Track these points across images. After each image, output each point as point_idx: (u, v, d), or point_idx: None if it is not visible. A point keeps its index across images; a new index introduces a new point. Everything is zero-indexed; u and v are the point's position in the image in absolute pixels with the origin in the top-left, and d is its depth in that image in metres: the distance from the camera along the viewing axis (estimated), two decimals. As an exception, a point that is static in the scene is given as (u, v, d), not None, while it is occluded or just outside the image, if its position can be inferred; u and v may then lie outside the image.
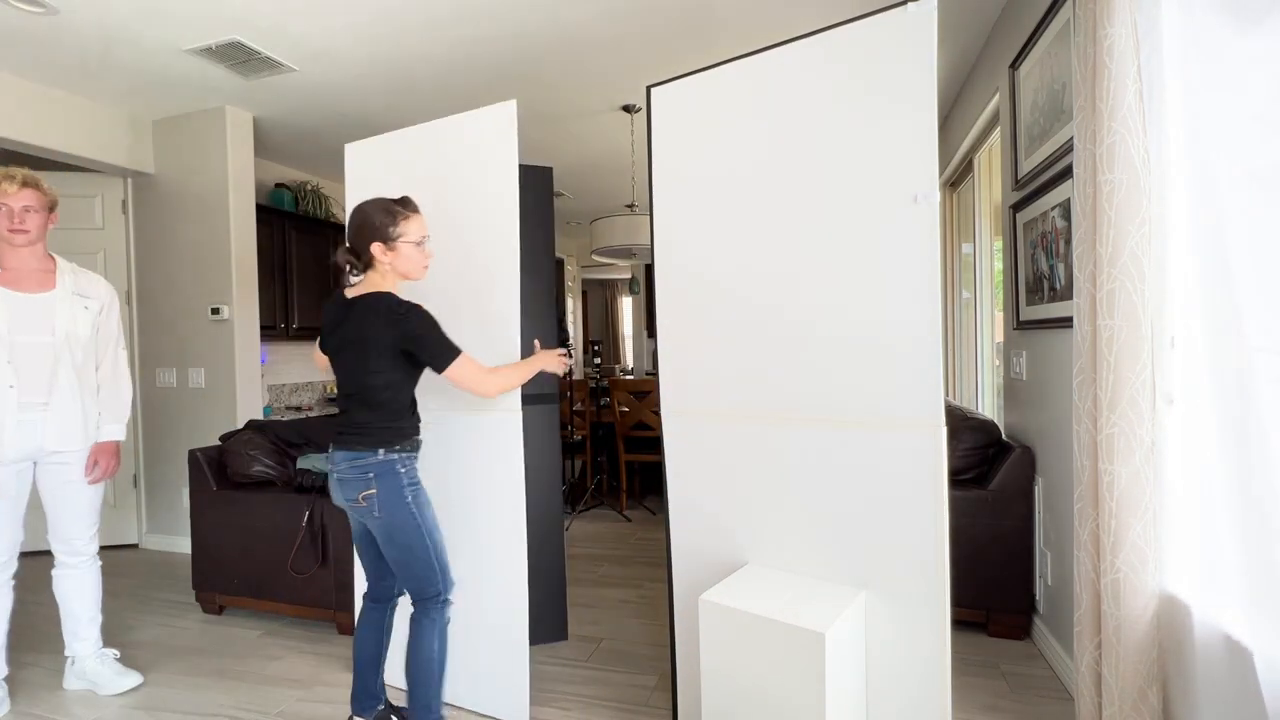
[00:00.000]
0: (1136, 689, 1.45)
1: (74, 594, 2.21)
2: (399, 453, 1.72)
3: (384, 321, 1.64)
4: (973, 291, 3.73)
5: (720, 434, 1.85)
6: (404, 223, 1.71)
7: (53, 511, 2.14)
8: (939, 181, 2.12)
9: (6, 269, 1.99)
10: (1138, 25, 1.41)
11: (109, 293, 2.22)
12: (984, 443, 2.52)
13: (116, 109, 3.55)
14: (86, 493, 2.17)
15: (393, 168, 2.21)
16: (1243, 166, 1.25)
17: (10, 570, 2.08)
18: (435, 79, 3.22)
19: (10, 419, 1.98)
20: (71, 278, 2.12)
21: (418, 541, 1.71)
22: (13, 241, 1.98)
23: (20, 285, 2.00)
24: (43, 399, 2.03)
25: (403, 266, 1.74)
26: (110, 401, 2.21)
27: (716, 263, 1.84)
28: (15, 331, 1.97)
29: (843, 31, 1.59)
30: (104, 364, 2.19)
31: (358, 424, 1.71)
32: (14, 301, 1.98)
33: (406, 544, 1.71)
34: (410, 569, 1.73)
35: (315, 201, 4.63)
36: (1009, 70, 2.52)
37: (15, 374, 1.97)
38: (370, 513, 1.69)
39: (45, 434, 2.04)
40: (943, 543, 1.51)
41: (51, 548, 2.18)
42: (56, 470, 2.11)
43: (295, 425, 3.12)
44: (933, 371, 1.50)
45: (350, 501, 1.71)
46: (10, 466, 2.01)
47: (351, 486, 1.69)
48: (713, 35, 2.84)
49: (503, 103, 1.97)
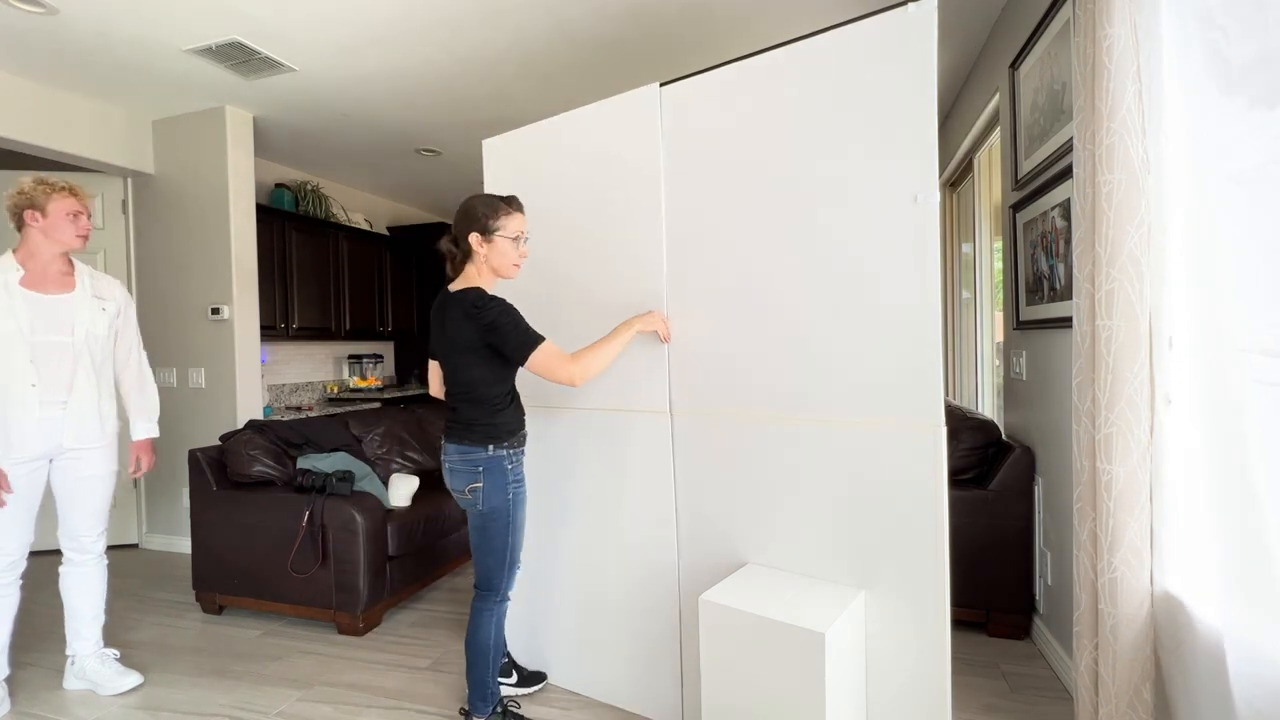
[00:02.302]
0: (1132, 687, 1.45)
1: (79, 591, 2.23)
2: (507, 449, 1.80)
3: (465, 315, 1.70)
4: (973, 291, 3.73)
5: (721, 434, 1.86)
6: (504, 217, 1.76)
7: (64, 507, 2.17)
8: (939, 181, 2.12)
9: (32, 271, 2.04)
10: (1138, 25, 1.42)
11: (124, 295, 2.29)
12: (984, 443, 2.52)
13: (116, 109, 3.55)
14: (99, 490, 2.21)
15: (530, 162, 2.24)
16: (1226, 167, 1.25)
17: (19, 570, 2.10)
18: (436, 79, 3.22)
19: (32, 416, 2.02)
20: (90, 280, 2.18)
21: (501, 539, 1.82)
22: (76, 246, 2.09)
23: (42, 287, 2.06)
24: (62, 397, 2.08)
25: (495, 260, 1.78)
26: (141, 402, 2.30)
27: (718, 263, 1.84)
28: (37, 332, 2.03)
29: (843, 32, 1.59)
30: (129, 366, 2.28)
31: (466, 419, 1.78)
32: (36, 302, 2.04)
33: (492, 537, 1.82)
34: (485, 560, 1.84)
35: (315, 201, 4.62)
36: (1009, 70, 2.52)
37: (37, 373, 2.02)
38: (474, 504, 1.79)
39: (64, 431, 2.09)
40: (943, 543, 1.51)
41: (60, 544, 2.21)
42: (71, 466, 2.15)
43: (295, 425, 3.12)
44: (933, 371, 1.51)
45: (458, 492, 1.81)
46: (27, 464, 2.05)
47: (460, 478, 1.79)
48: (712, 36, 2.84)
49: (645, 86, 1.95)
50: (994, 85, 2.84)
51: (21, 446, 2.02)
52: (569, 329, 2.15)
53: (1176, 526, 1.44)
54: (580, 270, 2.12)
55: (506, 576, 1.87)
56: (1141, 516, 1.45)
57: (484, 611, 1.87)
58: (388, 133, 4.00)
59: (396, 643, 2.59)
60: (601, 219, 2.06)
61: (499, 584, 1.86)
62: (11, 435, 2.01)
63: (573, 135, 2.12)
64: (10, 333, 1.98)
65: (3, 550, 2.04)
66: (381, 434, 3.52)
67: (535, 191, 2.22)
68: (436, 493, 3.20)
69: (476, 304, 1.68)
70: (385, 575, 2.73)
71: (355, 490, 2.79)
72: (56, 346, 2.06)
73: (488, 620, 1.87)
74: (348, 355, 5.25)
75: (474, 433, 1.77)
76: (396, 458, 3.49)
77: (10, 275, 2.01)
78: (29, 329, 2.01)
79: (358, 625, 2.65)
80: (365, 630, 2.67)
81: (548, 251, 2.19)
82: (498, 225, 1.75)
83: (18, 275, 2.02)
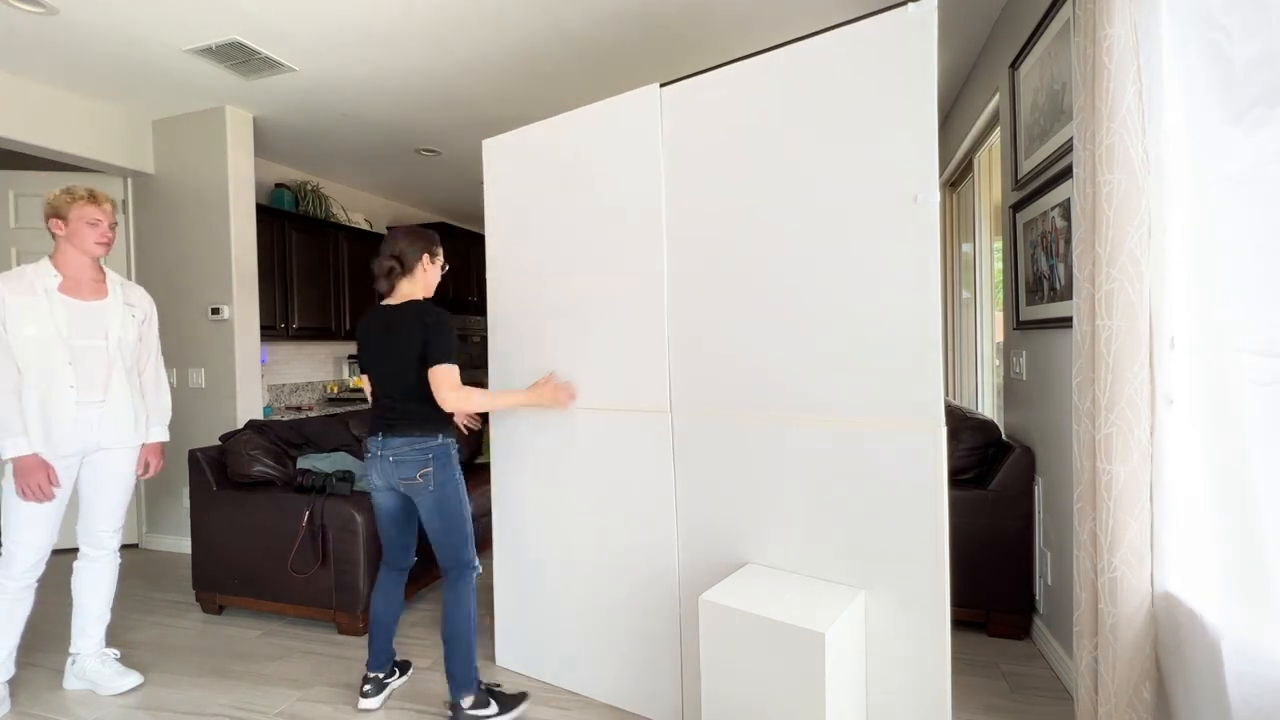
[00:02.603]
0: (1131, 687, 1.45)
1: (90, 588, 2.27)
2: (452, 438, 2.03)
3: (420, 322, 1.95)
4: (973, 291, 3.73)
5: (722, 433, 1.86)
6: (439, 248, 2.10)
7: (87, 501, 2.24)
8: (939, 181, 2.12)
9: (67, 278, 2.13)
10: (1138, 25, 1.42)
11: (150, 303, 2.40)
12: (984, 443, 2.52)
13: (116, 109, 3.55)
14: (122, 486, 2.29)
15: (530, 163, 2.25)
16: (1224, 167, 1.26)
17: (37, 574, 2.15)
18: (436, 79, 3.22)
19: (69, 416, 2.10)
20: (121, 288, 2.27)
21: (459, 518, 2.01)
22: (94, 253, 2.16)
23: (79, 293, 2.15)
24: (99, 397, 2.17)
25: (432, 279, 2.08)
26: (155, 405, 2.37)
27: (718, 263, 1.84)
28: (74, 336, 2.12)
29: (843, 32, 1.59)
30: (147, 370, 2.36)
31: (417, 415, 1.99)
32: (73, 308, 2.13)
33: (451, 514, 2.00)
34: (449, 538, 2.01)
35: (315, 201, 4.62)
36: (1009, 70, 2.52)
37: (75, 375, 2.11)
38: (425, 488, 1.97)
39: (101, 430, 2.18)
40: (943, 543, 1.51)
41: (78, 540, 2.28)
42: (102, 462, 2.23)
43: (295, 425, 3.13)
44: (933, 371, 1.51)
45: (406, 479, 1.98)
46: (63, 460, 2.12)
47: (409, 466, 1.97)
48: (712, 36, 2.84)
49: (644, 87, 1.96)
50: (994, 85, 2.84)
51: (61, 444, 2.10)
52: (569, 329, 2.15)
53: (1176, 526, 1.44)
54: (580, 271, 2.12)
55: (470, 546, 2.04)
56: (1141, 516, 1.45)
57: (459, 585, 2.01)
58: (388, 133, 4.00)
59: (397, 643, 2.59)
60: (601, 220, 2.06)
61: (468, 553, 2.03)
62: (52, 434, 2.08)
63: (573, 136, 2.12)
64: (50, 336, 2.07)
65: (32, 545, 2.09)
66: (381, 434, 3.51)
67: (535, 192, 2.22)
68: (436, 493, 3.20)
69: (431, 312, 1.95)
70: (385, 575, 2.72)
71: (355, 490, 2.79)
72: (92, 350, 2.16)
73: (466, 593, 2.01)
74: (348, 355, 5.25)
75: (428, 424, 1.98)
76: (396, 458, 3.49)
77: (50, 281, 2.10)
78: (69, 332, 2.11)
79: (358, 625, 2.65)
80: (365, 630, 2.67)
81: (548, 252, 2.20)
82: (438, 253, 2.09)
83: (56, 281, 2.11)
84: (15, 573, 2.09)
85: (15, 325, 2.02)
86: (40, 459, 2.04)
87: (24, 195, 3.65)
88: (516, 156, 2.27)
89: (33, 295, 2.06)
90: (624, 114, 2.00)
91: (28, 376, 2.04)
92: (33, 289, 2.06)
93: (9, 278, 2.06)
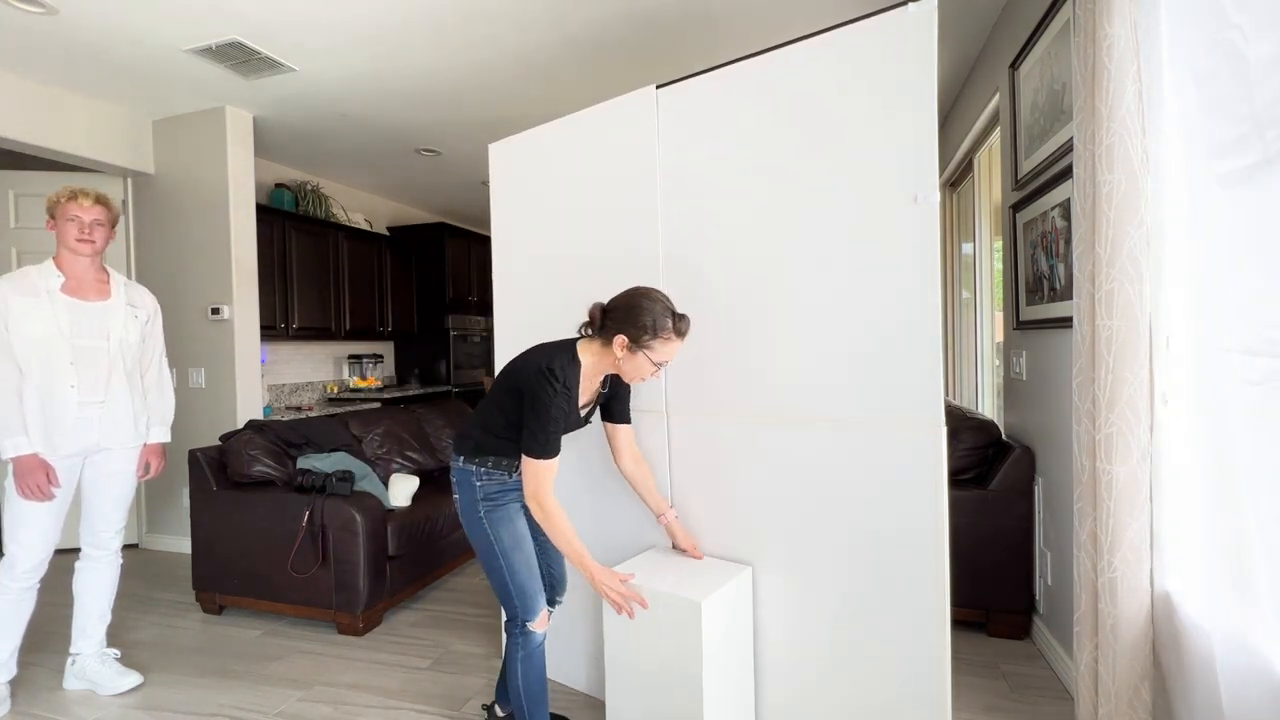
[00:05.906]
0: (1131, 687, 1.45)
1: (91, 588, 2.28)
2: (477, 465, 1.67)
3: (533, 370, 1.59)
4: (973, 291, 3.73)
5: (720, 433, 1.86)
6: (662, 341, 1.59)
7: (89, 501, 2.24)
8: (939, 181, 2.12)
9: (70, 278, 2.13)
10: (1138, 25, 1.41)
11: (154, 304, 2.39)
12: (984, 443, 2.52)
13: (116, 109, 3.54)
14: (123, 487, 2.29)
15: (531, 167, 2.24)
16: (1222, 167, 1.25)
17: (40, 574, 2.15)
18: (437, 78, 3.22)
19: (70, 415, 2.10)
20: (124, 289, 2.27)
21: (492, 561, 1.67)
22: (79, 251, 2.12)
23: (81, 294, 2.15)
24: (100, 398, 2.17)
25: (626, 368, 1.64)
26: (157, 405, 2.36)
27: (718, 263, 1.84)
28: (76, 336, 2.12)
29: (843, 32, 1.59)
30: (150, 371, 2.36)
31: (464, 431, 1.73)
32: (76, 309, 2.13)
33: (483, 558, 1.69)
34: (492, 585, 1.70)
35: (315, 201, 4.63)
36: (1009, 70, 2.52)
37: (77, 375, 2.10)
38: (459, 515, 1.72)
39: (101, 430, 2.18)
40: (943, 543, 1.51)
41: (80, 541, 2.28)
42: (103, 462, 2.23)
43: (295, 425, 3.12)
44: (933, 371, 1.51)
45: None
46: (64, 460, 2.12)
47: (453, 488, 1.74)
48: (712, 36, 2.84)
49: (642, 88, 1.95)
50: (994, 85, 2.84)
51: (62, 444, 2.10)
52: (571, 329, 2.15)
53: (1174, 525, 1.44)
54: (580, 272, 2.12)
55: (518, 603, 1.67)
56: (1141, 516, 1.45)
57: (510, 644, 1.70)
58: (388, 133, 4.00)
59: (396, 643, 2.59)
60: (601, 221, 2.06)
61: (512, 609, 1.69)
62: (53, 434, 2.08)
63: (572, 139, 2.12)
64: (52, 336, 2.07)
65: (34, 546, 2.09)
66: (381, 434, 3.52)
67: (537, 195, 2.22)
68: (436, 493, 3.21)
69: (548, 375, 1.56)
70: (385, 575, 2.73)
71: (355, 490, 2.79)
72: (94, 351, 2.16)
73: (513, 655, 1.69)
74: (348, 355, 5.25)
75: (464, 443, 1.70)
76: (396, 458, 3.49)
77: (52, 281, 2.10)
78: (71, 332, 2.10)
79: (358, 625, 2.65)
80: (365, 630, 2.67)
81: (549, 253, 2.20)
82: (652, 346, 1.59)
83: (59, 282, 2.11)
84: (17, 574, 2.09)
85: (18, 325, 2.03)
86: (40, 459, 2.04)
87: (24, 195, 3.65)
88: (518, 161, 2.27)
89: (35, 296, 2.06)
90: (621, 117, 2.00)
91: (29, 376, 2.04)
92: (35, 290, 2.07)
93: (12, 278, 2.07)
